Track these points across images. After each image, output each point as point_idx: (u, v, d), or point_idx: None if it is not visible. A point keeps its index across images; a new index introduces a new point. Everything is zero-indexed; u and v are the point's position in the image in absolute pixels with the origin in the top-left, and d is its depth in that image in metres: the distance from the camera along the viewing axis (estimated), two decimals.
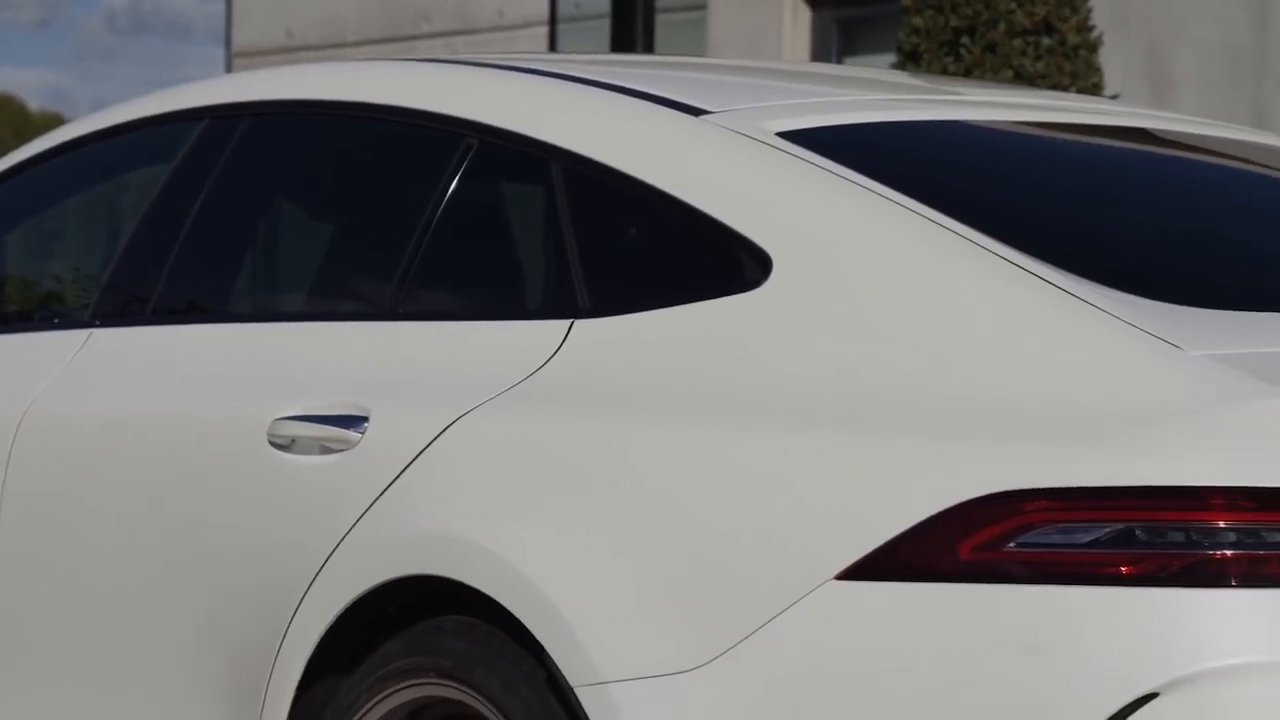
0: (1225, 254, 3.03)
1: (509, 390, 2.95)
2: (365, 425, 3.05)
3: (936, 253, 2.79)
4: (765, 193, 2.94)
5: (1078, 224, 3.01)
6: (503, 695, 2.81)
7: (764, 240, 2.88)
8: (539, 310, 3.09)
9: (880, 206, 2.85)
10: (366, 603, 2.96)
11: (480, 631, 2.85)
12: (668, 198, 2.98)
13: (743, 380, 2.78)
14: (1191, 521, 2.47)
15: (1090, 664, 2.47)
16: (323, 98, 3.43)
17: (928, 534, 2.56)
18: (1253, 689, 2.42)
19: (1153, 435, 2.51)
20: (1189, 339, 2.61)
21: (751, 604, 2.65)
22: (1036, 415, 2.57)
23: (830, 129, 3.07)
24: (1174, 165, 3.41)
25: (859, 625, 2.58)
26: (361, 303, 3.30)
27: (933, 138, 3.19)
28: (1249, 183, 3.40)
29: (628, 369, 2.87)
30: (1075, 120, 3.38)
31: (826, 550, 2.61)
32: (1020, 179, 3.14)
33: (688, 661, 2.67)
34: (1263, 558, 2.46)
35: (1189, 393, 2.54)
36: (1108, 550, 2.49)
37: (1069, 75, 8.60)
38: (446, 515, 2.90)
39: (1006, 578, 2.53)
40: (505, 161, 3.20)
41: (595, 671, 2.72)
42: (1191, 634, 2.45)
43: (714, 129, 3.03)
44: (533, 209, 3.20)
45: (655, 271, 2.99)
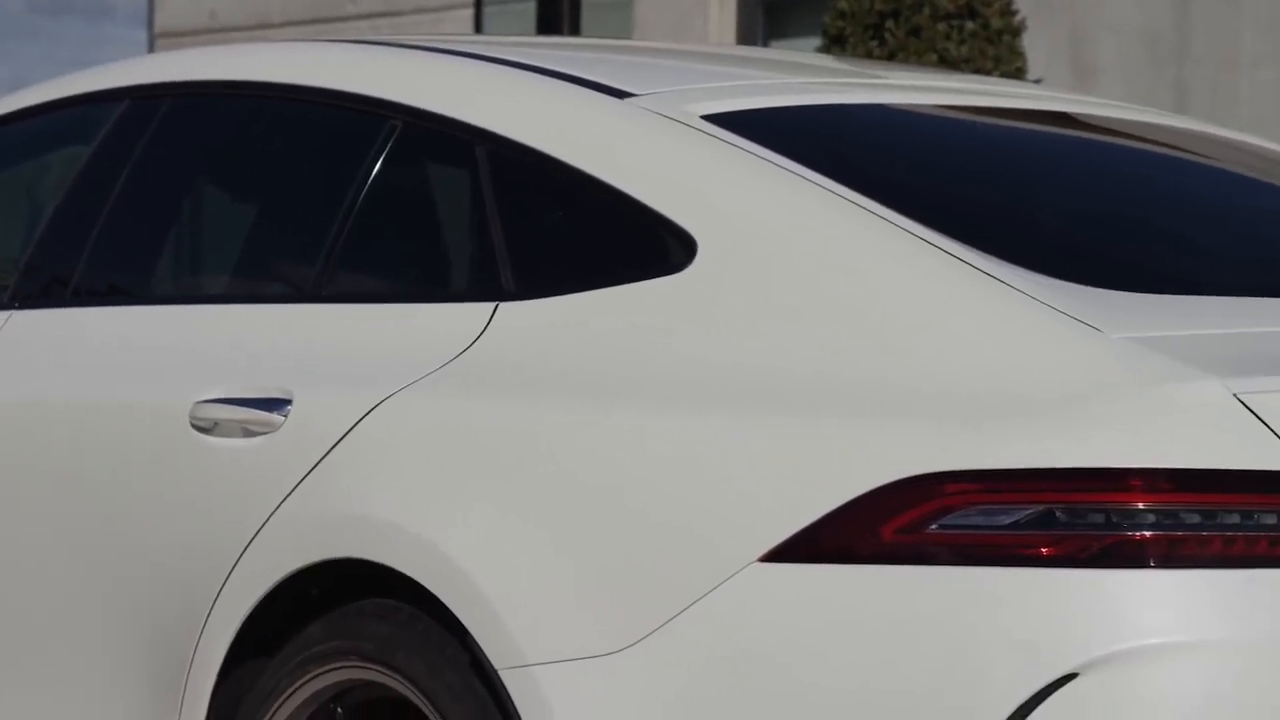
0: (1146, 238, 3.05)
1: (433, 373, 2.94)
2: (288, 408, 3.03)
3: (860, 236, 2.79)
4: (690, 176, 2.94)
5: (1000, 208, 3.03)
6: (426, 678, 2.81)
7: (689, 223, 2.88)
8: (464, 293, 3.08)
9: (804, 190, 2.86)
10: (290, 587, 2.95)
11: (404, 615, 2.85)
12: (592, 181, 2.98)
13: (667, 363, 2.78)
14: (1111, 503, 2.49)
15: (1010, 645, 2.49)
16: (246, 79, 3.41)
17: (850, 516, 2.57)
18: (1169, 669, 2.45)
19: (1073, 417, 2.53)
20: (1110, 322, 2.63)
21: (676, 587, 2.65)
22: (958, 398, 2.58)
23: (755, 112, 3.07)
24: (1096, 149, 3.43)
25: (783, 607, 2.59)
26: (285, 285, 3.29)
27: (857, 121, 3.20)
28: (1169, 167, 3.43)
29: (552, 352, 2.87)
30: (998, 104, 3.40)
31: (750, 533, 2.62)
32: (943, 163, 3.15)
33: (612, 644, 2.67)
34: (1180, 539, 2.48)
35: (1109, 375, 2.56)
36: (1028, 532, 2.51)
37: (992, 59, 8.65)
38: (370, 498, 2.89)
39: (928, 559, 2.54)
40: (430, 144, 3.19)
41: (519, 654, 2.72)
42: (1110, 615, 2.47)
43: (639, 112, 3.03)
44: (457, 192, 3.19)
45: (580, 254, 2.99)
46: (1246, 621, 2.47)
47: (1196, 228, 3.13)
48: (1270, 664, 2.47)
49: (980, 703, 2.49)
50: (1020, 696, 2.48)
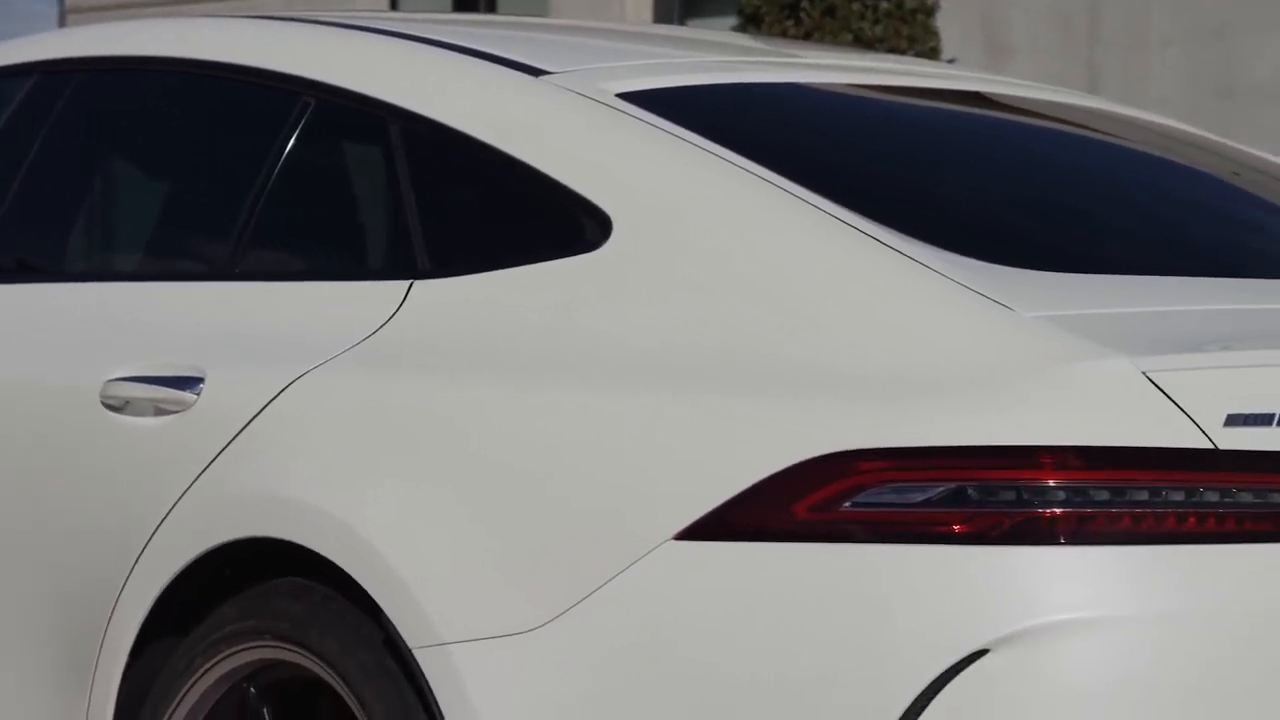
0: (1057, 217, 3.07)
1: (347, 351, 2.93)
2: (201, 386, 3.02)
3: (775, 215, 2.80)
4: (605, 154, 2.94)
5: (913, 187, 3.04)
6: (340, 658, 2.80)
7: (604, 202, 2.88)
8: (378, 271, 3.07)
9: (720, 168, 2.87)
10: (203, 567, 2.94)
11: (317, 594, 2.84)
12: (507, 158, 2.98)
13: (582, 342, 2.78)
14: (1022, 480, 2.51)
15: (923, 621, 2.50)
16: (158, 55, 3.39)
17: (763, 495, 2.58)
18: (1078, 645, 2.47)
19: (984, 395, 2.55)
20: (1021, 301, 2.64)
21: (591, 565, 2.65)
22: (870, 376, 2.60)
23: (670, 90, 3.07)
24: (1008, 129, 3.45)
25: (698, 584, 2.60)
26: (198, 263, 3.27)
27: (772, 100, 3.21)
28: (1081, 147, 3.45)
29: (467, 330, 2.87)
30: (912, 84, 3.41)
31: (664, 511, 2.63)
32: (858, 142, 3.16)
33: (527, 623, 2.67)
34: (1090, 515, 2.50)
35: (1021, 354, 2.57)
36: (940, 509, 2.52)
37: (907, 39, 8.69)
38: (283, 477, 2.88)
39: (842, 537, 2.55)
40: (343, 121, 3.18)
41: (434, 633, 2.72)
42: (1020, 591, 2.49)
43: (554, 89, 3.03)
44: (372, 169, 3.18)
45: (495, 233, 2.99)
46: (1155, 597, 2.50)
47: (1107, 207, 3.15)
48: (1178, 639, 2.49)
49: (892, 679, 2.50)
50: (932, 673, 2.49)
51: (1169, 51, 10.33)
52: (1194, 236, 3.11)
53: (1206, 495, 2.50)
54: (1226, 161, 3.44)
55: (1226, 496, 2.51)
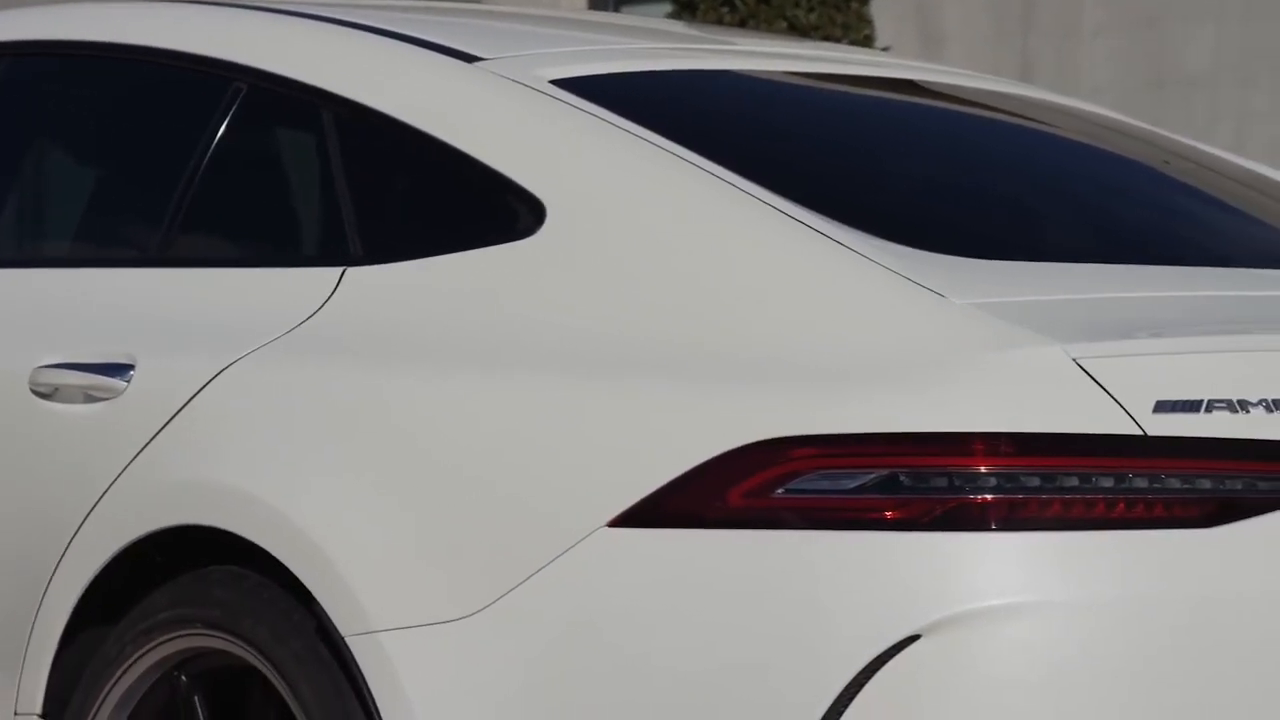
0: (989, 205, 3.08)
1: (279, 338, 2.92)
2: (131, 373, 3.00)
3: (708, 202, 2.80)
4: (539, 140, 2.93)
5: (846, 174, 3.05)
6: (272, 645, 2.79)
7: (538, 188, 2.87)
8: (311, 258, 3.06)
9: (653, 156, 2.87)
10: (134, 555, 2.92)
11: (249, 582, 2.83)
12: (441, 145, 2.97)
13: (516, 329, 2.78)
14: (953, 467, 2.52)
15: (856, 608, 2.51)
16: (90, 39, 3.36)
17: (698, 481, 2.58)
18: (1009, 630, 2.48)
19: (916, 382, 2.55)
20: (953, 288, 2.65)
21: (524, 552, 2.65)
22: (804, 363, 2.60)
23: (605, 77, 3.07)
24: (942, 117, 3.46)
25: (631, 571, 2.60)
26: (129, 249, 3.25)
27: (706, 87, 3.21)
28: (1014, 135, 3.46)
29: (400, 317, 2.86)
30: (846, 71, 3.42)
31: (597, 498, 2.63)
32: (791, 129, 3.17)
33: (460, 610, 2.67)
34: (1021, 501, 2.51)
35: (953, 340, 2.58)
36: (872, 496, 2.53)
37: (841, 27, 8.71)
38: (214, 464, 2.87)
39: (775, 524, 2.56)
40: (276, 107, 3.16)
41: (366, 620, 2.71)
42: (952, 577, 2.50)
43: (488, 76, 3.02)
44: (304, 155, 3.16)
45: (429, 219, 2.98)
46: (1085, 583, 2.51)
47: (1039, 195, 3.16)
48: (1108, 625, 2.51)
49: (824, 665, 2.51)
50: (864, 658, 2.50)
51: (1102, 41, 10.39)
52: (1125, 224, 3.13)
53: (1136, 481, 2.52)
54: (1158, 150, 3.46)
55: (1155, 482, 2.52)
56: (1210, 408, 2.54)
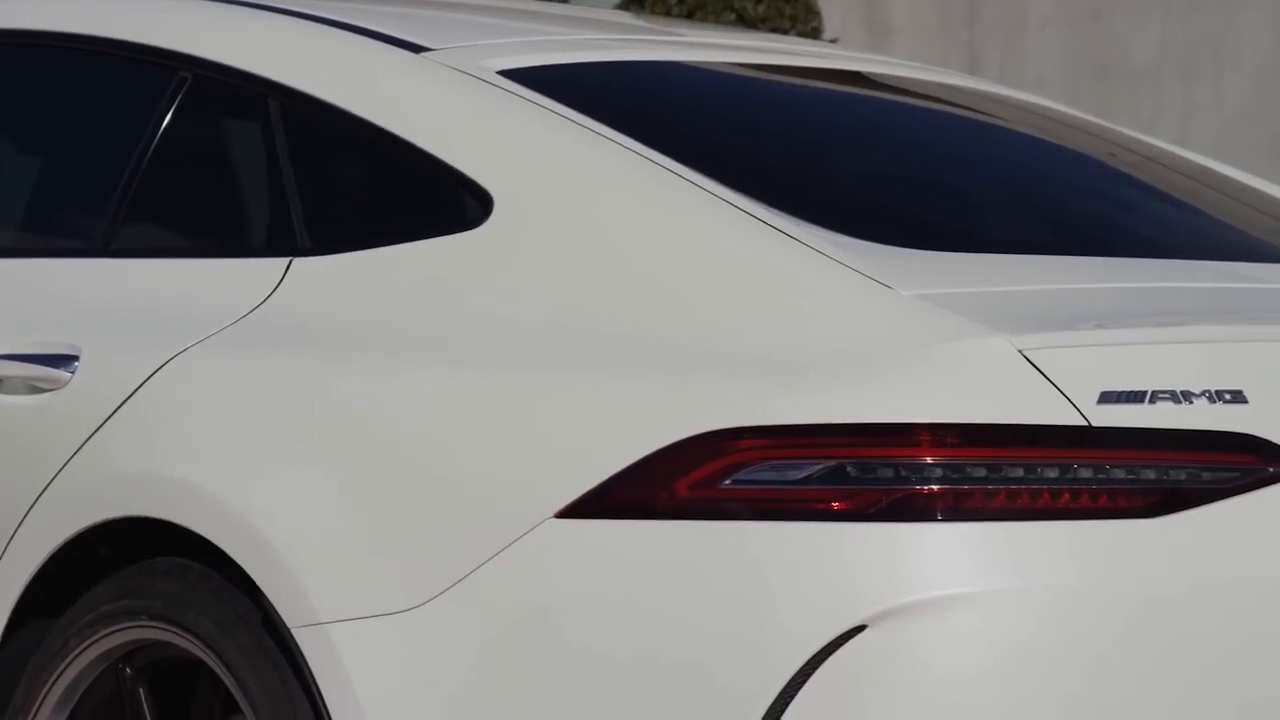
0: (937, 196, 3.09)
1: (225, 329, 2.91)
2: (76, 364, 2.99)
3: (655, 194, 2.80)
4: (486, 131, 2.93)
5: (794, 166, 3.05)
6: (217, 637, 2.78)
7: (485, 179, 2.87)
8: (257, 248, 3.05)
9: (602, 147, 2.86)
10: (79, 546, 2.91)
11: (195, 573, 2.82)
12: (388, 135, 2.96)
13: (463, 320, 2.77)
14: (900, 458, 2.53)
15: (803, 598, 2.52)
16: (33, 28, 3.34)
17: (645, 472, 2.59)
18: (955, 620, 2.49)
19: (863, 373, 2.56)
20: (900, 279, 2.66)
21: (471, 543, 2.65)
22: (751, 355, 2.61)
23: (553, 68, 3.07)
24: (889, 109, 3.47)
25: (579, 562, 2.60)
26: (74, 239, 3.23)
27: (655, 79, 3.21)
28: (960, 127, 3.47)
29: (347, 308, 2.85)
30: (794, 63, 3.43)
31: (545, 489, 2.63)
32: (739, 121, 3.17)
33: (407, 601, 2.67)
34: (967, 492, 2.52)
35: (900, 332, 2.59)
36: (819, 486, 2.54)
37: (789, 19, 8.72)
38: (160, 455, 2.86)
39: (723, 515, 2.56)
40: (222, 97, 3.15)
41: (312, 612, 2.70)
42: (898, 568, 2.51)
43: (434, 66, 3.02)
44: (250, 145, 3.15)
45: (376, 210, 2.97)
46: (1030, 573, 2.52)
47: (986, 187, 3.17)
48: (1052, 615, 2.52)
49: (771, 656, 2.51)
50: (811, 648, 2.51)
51: (1048, 33, 10.42)
52: (1071, 216, 3.15)
53: (1080, 472, 2.53)
54: (1103, 142, 3.48)
55: (1100, 473, 2.54)
56: (1154, 399, 2.56)
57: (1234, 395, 2.58)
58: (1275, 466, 2.58)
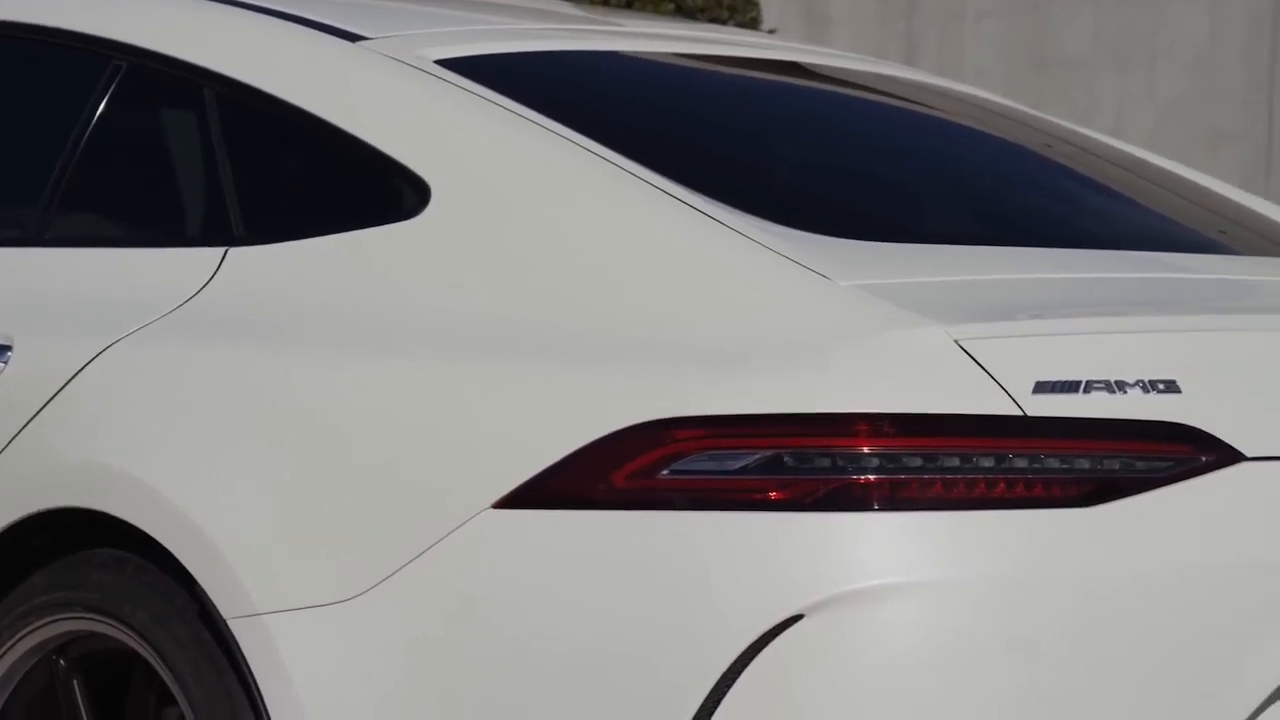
0: (875, 187, 3.10)
1: (160, 319, 2.90)
2: (9, 354, 2.97)
3: (594, 184, 2.80)
4: (423, 121, 2.92)
5: (732, 156, 3.06)
6: (153, 629, 2.77)
7: (422, 169, 2.86)
8: (193, 238, 3.04)
9: (539, 137, 2.86)
10: (13, 538, 2.89)
11: (131, 565, 2.81)
12: (324, 124, 2.95)
13: (400, 310, 2.77)
14: (837, 448, 2.53)
15: (741, 588, 2.52)
16: None
17: (583, 462, 2.58)
18: (891, 608, 2.50)
19: (801, 363, 2.57)
20: (838, 269, 2.67)
21: (408, 534, 2.65)
22: (689, 345, 2.61)
23: (490, 57, 3.06)
24: (827, 100, 3.48)
25: (517, 553, 2.60)
26: (7, 229, 3.21)
27: (593, 68, 3.21)
28: (899, 118, 3.48)
29: (283, 298, 2.84)
30: (732, 54, 3.43)
31: (483, 479, 2.62)
32: (677, 111, 3.17)
33: (344, 592, 2.66)
34: (904, 481, 2.53)
35: (837, 322, 2.60)
36: (757, 476, 2.54)
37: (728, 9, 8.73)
38: (95, 446, 2.84)
39: (661, 504, 2.56)
40: (156, 85, 3.13)
41: (249, 603, 2.69)
42: (836, 557, 2.51)
43: (371, 55, 3.01)
44: (185, 135, 3.14)
45: (313, 200, 2.96)
46: (966, 563, 2.53)
47: (923, 178, 3.19)
48: (988, 604, 2.53)
49: (708, 646, 2.52)
50: (748, 638, 2.51)
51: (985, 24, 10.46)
52: (1007, 207, 3.16)
53: (1016, 461, 2.54)
54: (1039, 134, 3.49)
55: (1035, 462, 2.55)
56: (1089, 388, 2.57)
57: (1167, 385, 2.60)
58: (1208, 456, 2.60)
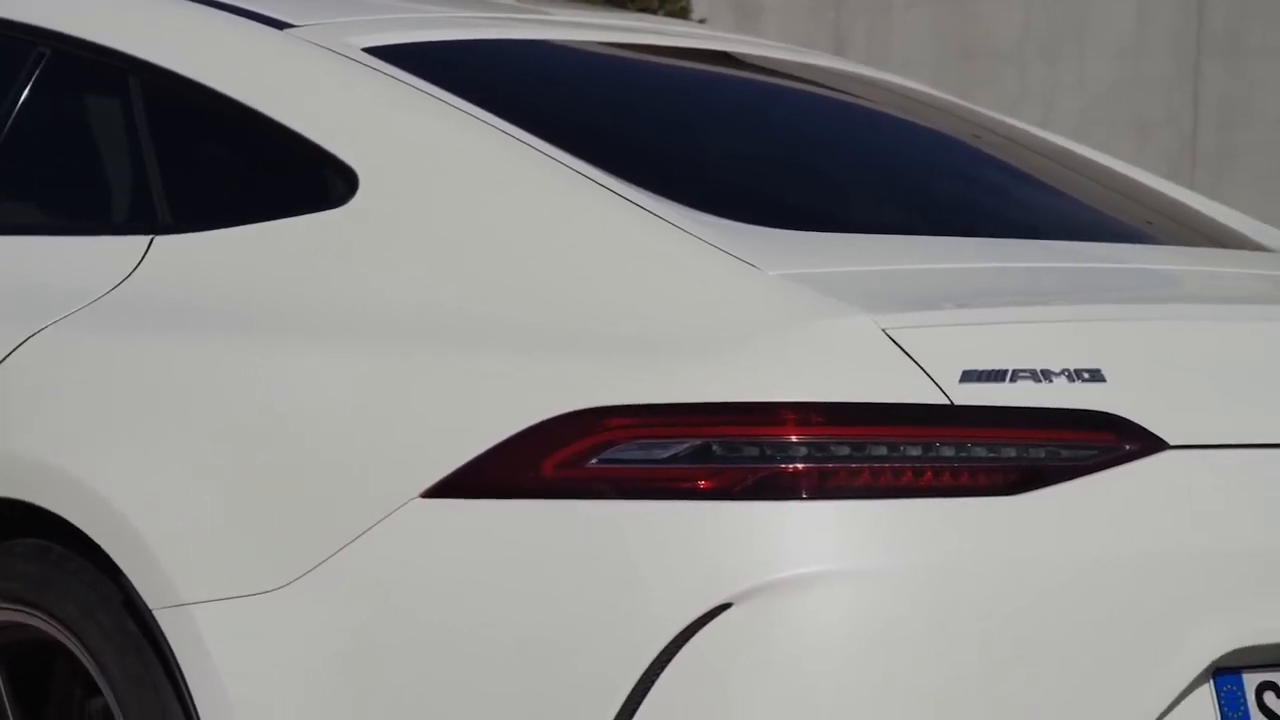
0: (803, 177, 3.10)
1: (85, 308, 2.88)
2: None
3: (522, 173, 2.80)
4: (350, 109, 2.91)
5: (660, 145, 3.06)
6: (78, 619, 2.75)
7: (349, 158, 2.85)
8: (118, 226, 3.02)
9: (468, 125, 2.86)
10: None
11: (54, 555, 2.79)
12: (251, 112, 2.94)
13: (326, 299, 2.76)
14: (765, 436, 2.54)
15: (670, 576, 2.52)
16: None
17: (511, 452, 2.58)
18: (819, 596, 2.50)
19: (729, 352, 2.57)
20: (766, 258, 2.67)
21: (336, 524, 2.64)
22: (618, 333, 2.61)
23: (418, 45, 3.05)
24: (756, 90, 3.48)
25: (446, 542, 2.59)
26: None
27: (521, 57, 3.20)
28: (826, 108, 3.49)
29: (209, 287, 2.83)
30: (662, 43, 3.43)
31: (411, 469, 2.62)
32: (606, 100, 3.17)
33: (271, 582, 2.65)
34: (831, 470, 2.53)
35: (765, 311, 2.60)
36: (685, 465, 2.54)
37: None
38: (18, 435, 2.82)
39: (590, 493, 2.56)
40: (81, 72, 3.11)
41: (174, 593, 2.68)
42: (764, 546, 2.52)
43: (298, 43, 2.99)
44: (111, 122, 3.12)
45: (240, 188, 2.95)
46: (893, 551, 2.54)
47: (851, 168, 3.19)
48: (914, 591, 2.54)
49: (638, 635, 2.52)
50: (676, 627, 2.51)
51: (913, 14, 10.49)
52: (935, 197, 3.17)
53: (943, 450, 2.55)
54: (966, 124, 3.51)
55: (962, 451, 2.56)
56: (1015, 377, 2.58)
57: (1092, 374, 2.61)
58: (1132, 444, 2.61)
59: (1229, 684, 2.64)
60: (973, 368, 2.57)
